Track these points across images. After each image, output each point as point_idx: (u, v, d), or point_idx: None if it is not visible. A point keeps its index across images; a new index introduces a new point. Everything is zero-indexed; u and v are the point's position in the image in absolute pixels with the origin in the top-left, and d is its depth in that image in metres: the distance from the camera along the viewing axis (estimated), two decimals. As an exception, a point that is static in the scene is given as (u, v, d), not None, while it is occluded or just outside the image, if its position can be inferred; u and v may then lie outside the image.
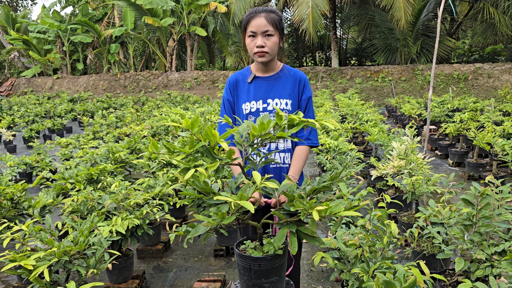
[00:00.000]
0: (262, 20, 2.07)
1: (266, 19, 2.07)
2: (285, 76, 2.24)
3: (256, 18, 2.08)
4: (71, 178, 4.11)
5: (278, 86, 2.21)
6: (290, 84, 2.22)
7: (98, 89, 20.89)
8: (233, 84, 2.28)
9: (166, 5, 18.81)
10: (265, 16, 2.08)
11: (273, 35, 2.09)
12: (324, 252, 2.09)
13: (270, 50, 2.11)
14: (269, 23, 2.07)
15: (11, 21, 24.46)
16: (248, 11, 2.16)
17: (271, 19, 2.08)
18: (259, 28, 2.07)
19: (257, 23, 2.07)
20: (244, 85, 2.26)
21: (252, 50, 2.12)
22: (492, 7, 16.72)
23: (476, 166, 5.86)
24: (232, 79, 2.30)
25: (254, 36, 2.10)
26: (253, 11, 2.13)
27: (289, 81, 2.23)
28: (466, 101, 10.83)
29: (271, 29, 2.07)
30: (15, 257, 2.20)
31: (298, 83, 2.24)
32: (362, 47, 23.96)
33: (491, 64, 17.40)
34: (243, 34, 2.18)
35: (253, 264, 1.69)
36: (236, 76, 2.30)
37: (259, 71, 2.24)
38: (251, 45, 2.12)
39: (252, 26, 2.09)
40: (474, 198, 2.35)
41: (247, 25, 2.11)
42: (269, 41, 2.09)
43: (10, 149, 9.27)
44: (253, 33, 2.09)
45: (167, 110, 9.40)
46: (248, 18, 2.12)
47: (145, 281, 3.35)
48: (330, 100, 12.12)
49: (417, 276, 1.65)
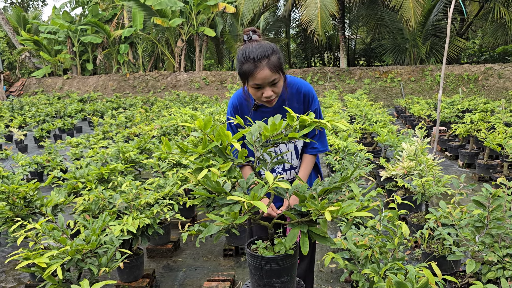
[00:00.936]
0: (267, 72, 1.91)
1: (270, 69, 1.91)
2: (290, 96, 2.14)
3: (259, 71, 1.90)
4: (82, 178, 4.16)
5: (283, 109, 2.09)
6: (295, 105, 2.15)
7: (107, 89, 21.05)
8: (237, 108, 2.19)
9: (175, 6, 18.90)
10: (268, 67, 1.91)
11: (279, 80, 1.99)
12: (334, 253, 2.10)
13: (278, 94, 2.03)
14: (274, 73, 1.93)
15: (22, 22, 24.76)
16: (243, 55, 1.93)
17: (274, 66, 1.92)
18: (265, 80, 1.93)
19: (262, 76, 1.91)
20: (249, 110, 2.16)
21: (260, 99, 2.02)
22: (503, 7, 16.56)
23: (486, 168, 5.81)
24: (235, 103, 2.19)
25: (259, 88, 1.97)
26: (250, 57, 1.91)
27: (293, 101, 2.15)
28: (476, 101, 10.74)
29: (277, 76, 1.95)
30: (29, 255, 2.24)
31: (303, 100, 2.16)
32: (370, 48, 23.86)
33: (502, 65, 17.23)
34: (243, 80, 2.00)
35: (264, 264, 1.70)
36: (239, 99, 2.19)
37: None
38: (257, 94, 2.00)
39: (256, 79, 1.93)
40: (486, 200, 2.34)
41: (249, 76, 1.94)
42: (276, 87, 1.99)
43: (21, 149, 9.38)
44: (258, 85, 1.96)
45: (176, 110, 9.45)
46: (248, 70, 1.92)
47: (155, 280, 3.37)
48: (339, 101, 12.10)
49: (429, 278, 1.65)
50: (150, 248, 3.86)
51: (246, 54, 1.92)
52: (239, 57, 1.96)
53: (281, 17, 22.73)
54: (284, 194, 1.71)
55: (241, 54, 1.95)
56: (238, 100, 2.18)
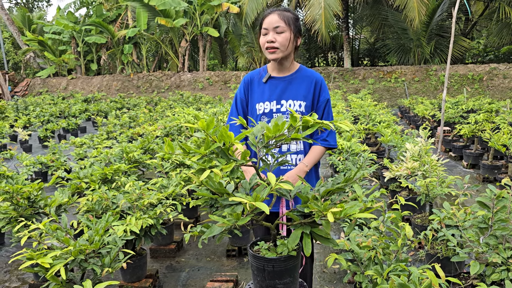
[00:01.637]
0: (275, 17, 2.09)
1: (278, 16, 2.09)
2: (301, 77, 2.22)
3: (269, 15, 2.11)
4: (86, 178, 4.17)
5: (293, 87, 2.19)
6: (305, 86, 2.20)
7: (111, 90, 21.12)
8: (248, 83, 2.29)
9: (178, 6, 18.93)
10: (278, 14, 2.10)
11: (285, 32, 2.09)
12: (337, 254, 2.09)
13: (281, 46, 2.10)
14: (280, 19, 2.08)
15: (27, 22, 24.89)
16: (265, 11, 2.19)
17: (284, 16, 2.09)
18: (271, 24, 2.09)
19: (269, 20, 2.10)
20: (259, 85, 2.25)
21: (264, 46, 2.14)
22: (508, 6, 16.46)
23: (491, 168, 5.78)
24: (248, 78, 2.30)
25: (266, 34, 2.12)
26: (268, 10, 2.16)
27: (304, 82, 2.21)
28: (481, 102, 10.68)
29: (283, 25, 2.08)
30: (32, 255, 2.24)
31: (314, 85, 2.21)
32: (374, 48, 23.79)
33: (507, 65, 17.12)
34: (259, 33, 2.19)
35: (267, 265, 1.69)
36: (252, 75, 2.30)
37: (275, 71, 2.24)
38: (262, 41, 2.14)
39: (265, 23, 2.11)
40: (490, 201, 2.32)
41: (261, 23, 2.14)
42: (279, 36, 2.09)
43: (26, 149, 9.43)
44: (265, 30, 2.11)
45: (179, 110, 9.47)
46: (262, 17, 2.15)
47: (158, 281, 3.37)
48: (343, 101, 12.07)
49: (432, 279, 1.64)
50: (153, 249, 3.86)
51: (267, 10, 2.18)
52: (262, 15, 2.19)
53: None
54: (287, 195, 1.70)
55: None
56: (251, 76, 2.30)
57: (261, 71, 2.29)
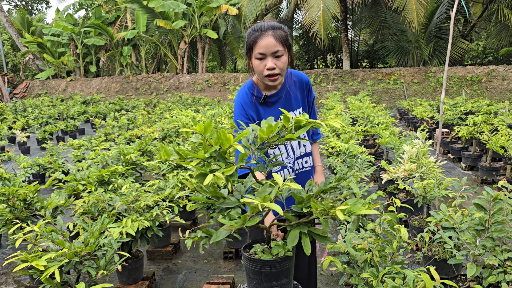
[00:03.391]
0: (271, 40, 1.89)
1: (274, 38, 1.89)
2: (293, 85, 2.15)
3: (263, 37, 1.89)
4: (82, 180, 4.16)
5: (290, 100, 2.13)
6: (300, 93, 2.18)
7: (110, 91, 21.11)
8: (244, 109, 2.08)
9: (177, 8, 18.95)
10: (273, 35, 1.89)
11: (283, 55, 1.93)
12: (333, 256, 2.08)
13: (282, 71, 1.95)
14: (278, 43, 1.90)
15: (27, 25, 24.89)
16: (251, 28, 1.95)
17: (280, 37, 1.91)
18: (268, 48, 1.89)
19: (266, 43, 1.89)
20: (257, 105, 2.10)
21: (262, 73, 1.95)
22: (506, 8, 16.48)
23: (489, 170, 5.77)
24: (245, 99, 2.09)
25: (263, 58, 1.93)
26: (257, 28, 1.93)
27: (297, 89, 2.17)
28: (479, 103, 10.68)
29: (281, 48, 1.91)
30: (27, 258, 2.23)
31: (305, 88, 2.20)
32: (373, 49, 23.82)
33: (506, 66, 17.14)
34: (248, 55, 1.99)
35: (263, 267, 1.68)
36: (247, 94, 2.11)
37: (266, 89, 2.10)
38: (260, 67, 1.94)
39: (260, 47, 1.90)
40: (487, 203, 2.31)
41: (253, 46, 1.92)
42: (279, 61, 1.93)
43: (24, 150, 9.41)
44: (261, 55, 1.92)
45: (178, 112, 9.46)
46: (254, 38, 1.92)
47: (155, 283, 3.36)
48: (341, 103, 12.07)
49: (427, 282, 1.63)
50: (150, 251, 3.85)
51: (254, 27, 1.95)
52: (248, 31, 1.97)
53: (283, 19, 22.72)
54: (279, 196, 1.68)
55: (250, 28, 1.98)
56: (243, 100, 2.09)
57: (252, 89, 2.09)
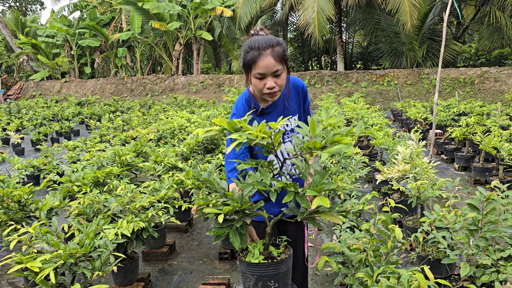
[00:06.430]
0: (270, 61, 1.89)
1: (273, 57, 1.89)
2: (289, 92, 2.13)
3: (262, 58, 1.89)
4: (77, 181, 4.14)
5: (287, 108, 2.12)
6: (295, 99, 2.17)
7: (105, 93, 21.04)
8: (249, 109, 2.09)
9: (172, 10, 18.94)
10: (272, 55, 1.89)
11: (282, 72, 1.95)
12: (328, 256, 2.09)
13: (281, 87, 1.98)
14: (277, 62, 1.91)
15: (21, 26, 24.77)
16: (248, 45, 1.94)
17: (278, 55, 1.91)
18: (268, 69, 1.90)
19: (265, 64, 1.89)
20: (254, 117, 2.06)
21: (262, 91, 1.97)
22: (498, 10, 16.64)
23: (482, 171, 5.82)
24: (241, 112, 2.08)
25: (262, 78, 1.94)
26: (255, 46, 1.91)
27: (293, 96, 2.16)
28: (472, 105, 10.77)
29: (280, 67, 1.92)
30: (22, 259, 2.22)
31: (301, 93, 2.20)
32: (367, 51, 23.93)
33: (498, 68, 17.30)
34: (246, 71, 1.99)
35: (258, 270, 1.69)
36: (244, 108, 2.11)
37: (263, 101, 2.10)
38: (260, 86, 1.96)
39: (259, 67, 1.90)
40: (480, 203, 2.34)
41: (252, 65, 1.92)
42: (279, 79, 1.95)
43: (18, 152, 9.36)
44: (261, 75, 1.93)
45: (173, 113, 9.45)
46: (252, 57, 1.91)
47: (150, 284, 3.36)
48: (336, 104, 12.12)
49: (421, 281, 1.65)
50: (145, 252, 3.84)
51: (251, 44, 1.93)
52: (244, 47, 1.96)
53: (278, 21, 22.79)
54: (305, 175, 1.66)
55: (246, 44, 1.96)
56: (239, 114, 2.09)
57: (248, 99, 2.09)
